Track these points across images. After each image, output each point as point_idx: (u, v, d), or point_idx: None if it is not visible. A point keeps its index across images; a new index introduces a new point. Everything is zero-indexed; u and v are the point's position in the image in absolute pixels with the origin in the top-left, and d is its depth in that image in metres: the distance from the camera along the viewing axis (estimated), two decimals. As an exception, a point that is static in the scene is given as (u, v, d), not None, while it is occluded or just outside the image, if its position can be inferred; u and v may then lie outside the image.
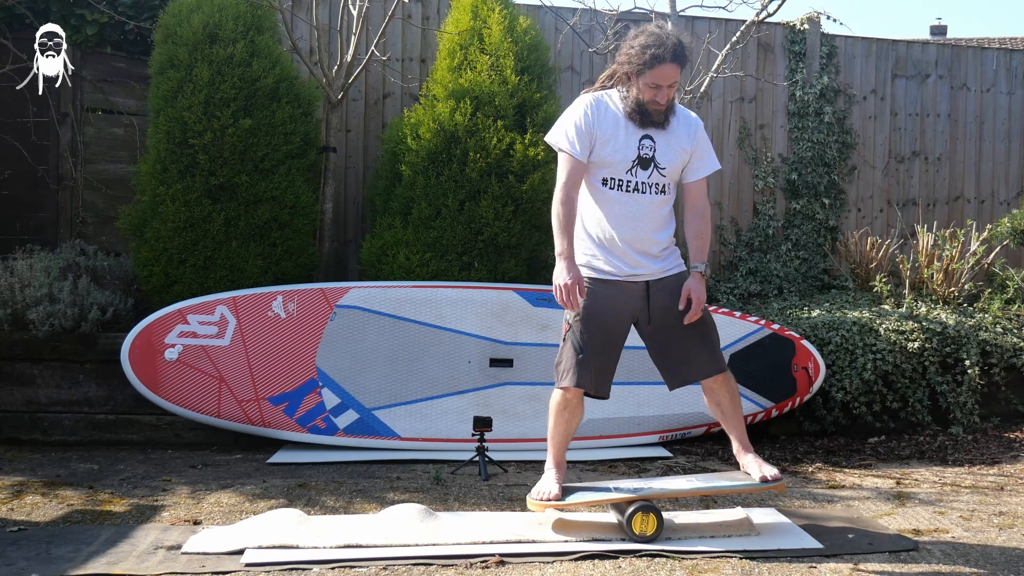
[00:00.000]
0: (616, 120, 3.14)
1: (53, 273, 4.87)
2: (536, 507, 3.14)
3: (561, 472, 3.23)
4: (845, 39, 6.77)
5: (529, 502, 3.16)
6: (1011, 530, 3.28)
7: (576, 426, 3.26)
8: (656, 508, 3.04)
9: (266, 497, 3.64)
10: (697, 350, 3.21)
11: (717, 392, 3.29)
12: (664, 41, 3.05)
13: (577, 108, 3.17)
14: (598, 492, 3.17)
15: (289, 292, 4.54)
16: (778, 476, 3.21)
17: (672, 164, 3.18)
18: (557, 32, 6.27)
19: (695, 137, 3.22)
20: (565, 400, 3.19)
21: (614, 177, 3.14)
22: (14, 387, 4.72)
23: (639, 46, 3.08)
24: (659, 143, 3.15)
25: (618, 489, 3.16)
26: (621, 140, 3.13)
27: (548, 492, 3.13)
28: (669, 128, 3.17)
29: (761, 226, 6.53)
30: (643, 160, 3.13)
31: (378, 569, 2.79)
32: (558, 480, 3.19)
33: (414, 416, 4.53)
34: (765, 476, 3.19)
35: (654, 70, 3.05)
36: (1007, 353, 5.19)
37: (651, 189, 3.15)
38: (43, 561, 2.82)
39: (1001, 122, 7.04)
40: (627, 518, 3.01)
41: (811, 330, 5.10)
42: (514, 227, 5.04)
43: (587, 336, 3.13)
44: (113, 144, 5.83)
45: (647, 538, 2.99)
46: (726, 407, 3.31)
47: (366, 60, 5.50)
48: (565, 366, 3.16)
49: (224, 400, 4.41)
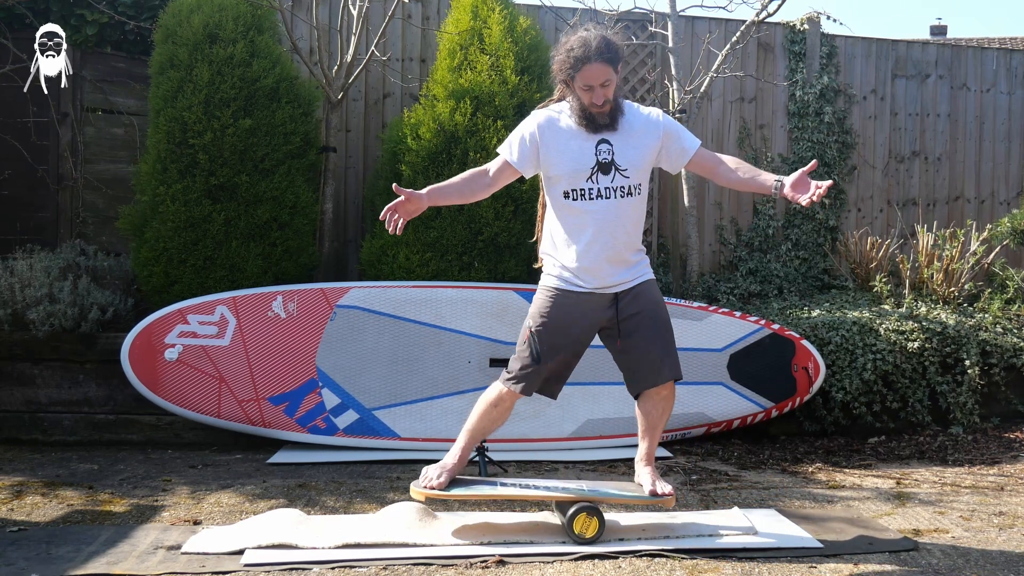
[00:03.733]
0: (568, 132, 3.12)
1: (53, 273, 4.87)
2: (417, 495, 3.12)
3: (462, 465, 3.21)
4: (845, 39, 6.77)
5: (412, 490, 3.13)
6: (1011, 530, 3.28)
7: (497, 428, 3.24)
8: (599, 510, 3.01)
9: (266, 497, 3.64)
10: (662, 353, 3.15)
11: (664, 400, 3.21)
12: (588, 42, 3.02)
13: (526, 122, 3.20)
14: (485, 487, 3.15)
15: (289, 292, 4.54)
16: (669, 492, 3.15)
17: (635, 163, 3.12)
18: (557, 32, 6.26)
19: (659, 128, 3.16)
20: (501, 398, 3.18)
21: (575, 188, 3.11)
22: (14, 387, 4.72)
23: (564, 52, 3.07)
24: (617, 145, 3.11)
25: (503, 484, 3.15)
26: (575, 149, 3.10)
27: (434, 481, 3.12)
28: (624, 128, 3.13)
29: (761, 226, 6.53)
30: (602, 165, 3.09)
31: (378, 569, 2.79)
32: (452, 472, 3.16)
33: (414, 416, 4.53)
34: (655, 491, 3.15)
35: (581, 72, 3.02)
36: (1007, 353, 5.19)
37: (615, 193, 3.10)
38: (43, 561, 2.82)
39: (1001, 122, 7.04)
40: (568, 519, 3.00)
41: (811, 330, 5.10)
42: (514, 227, 5.04)
43: (545, 347, 3.11)
44: (113, 144, 5.83)
45: (587, 540, 2.98)
46: (656, 418, 3.23)
47: (366, 60, 5.51)
48: (518, 371, 3.14)
49: (224, 400, 4.41)
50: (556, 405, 4.60)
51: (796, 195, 3.04)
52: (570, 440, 4.55)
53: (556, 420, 4.60)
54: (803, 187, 3.05)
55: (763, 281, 6.34)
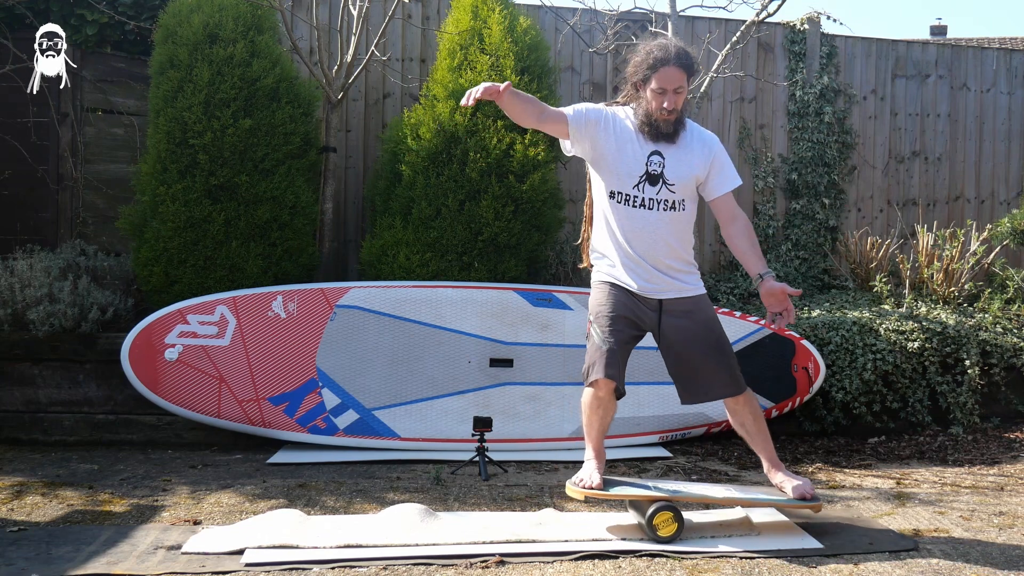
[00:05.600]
0: (628, 133, 3.15)
1: (53, 273, 4.87)
2: (575, 493, 3.15)
3: (601, 462, 3.24)
4: (845, 39, 6.77)
5: (568, 488, 3.17)
6: (1011, 530, 3.28)
7: (611, 420, 3.25)
8: (679, 511, 3.04)
9: (266, 497, 3.64)
10: (712, 370, 3.22)
11: (740, 413, 3.32)
12: (668, 47, 3.09)
13: (597, 105, 3.22)
14: (638, 488, 3.18)
15: (289, 292, 4.54)
16: (814, 495, 3.23)
17: (683, 180, 3.16)
18: (557, 32, 6.27)
19: (712, 153, 3.21)
20: (597, 398, 3.19)
21: (621, 191, 3.14)
22: (14, 387, 4.72)
23: (643, 53, 3.12)
24: (669, 159, 3.14)
25: (657, 488, 3.18)
26: (629, 154, 3.13)
27: (591, 480, 3.15)
28: (681, 143, 3.16)
29: (761, 226, 6.53)
30: (651, 176, 3.13)
31: (378, 569, 2.79)
32: (599, 470, 3.20)
33: (414, 416, 4.53)
34: (804, 494, 3.21)
35: (658, 73, 3.07)
36: (1007, 353, 5.19)
37: (659, 205, 3.14)
38: (43, 561, 2.82)
39: (1001, 122, 7.04)
40: (648, 517, 3.02)
41: (811, 330, 5.10)
42: (514, 227, 5.04)
43: (609, 331, 3.15)
44: (113, 144, 5.83)
45: (666, 539, 3.00)
46: (750, 427, 3.33)
47: (366, 60, 5.51)
48: (590, 361, 3.17)
49: (224, 400, 4.41)
50: (556, 405, 4.61)
51: (768, 304, 3.16)
52: (570, 440, 4.55)
53: (556, 420, 4.60)
54: (777, 303, 3.14)
55: (763, 281, 6.34)
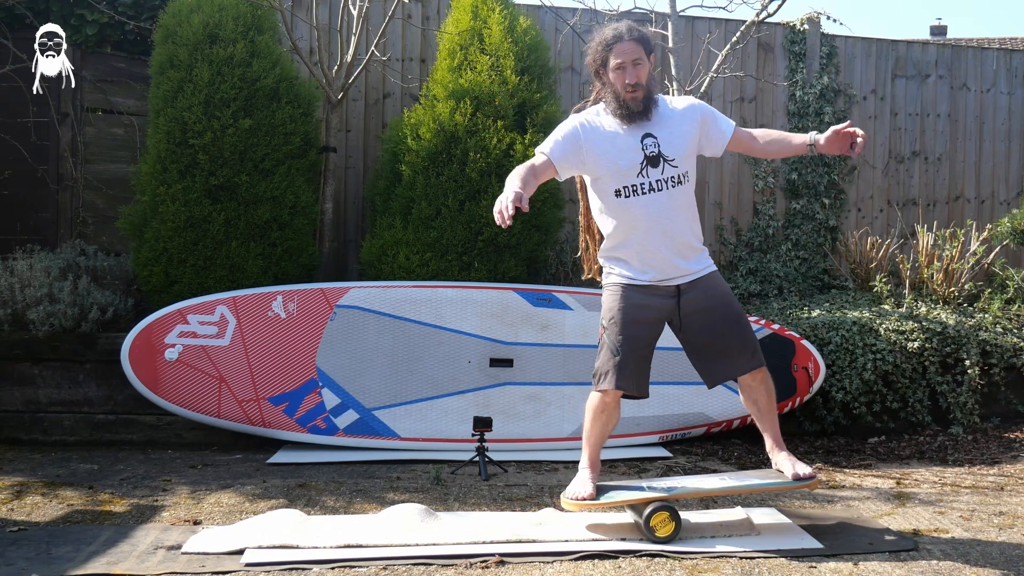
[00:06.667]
0: (610, 131, 3.14)
1: (53, 273, 4.87)
2: (571, 506, 3.15)
3: (595, 472, 3.24)
4: (845, 39, 6.77)
5: (563, 501, 3.17)
6: (1011, 530, 3.28)
7: (612, 428, 3.26)
8: (676, 510, 3.04)
9: (266, 497, 3.64)
10: (734, 347, 3.19)
11: (755, 389, 3.28)
12: (618, 27, 3.12)
13: (567, 123, 3.21)
14: (632, 491, 3.17)
15: (289, 292, 4.54)
16: (812, 474, 3.21)
17: (681, 151, 3.15)
18: (557, 32, 6.27)
19: (696, 112, 3.21)
20: (603, 403, 3.18)
21: (626, 185, 3.12)
22: (14, 387, 4.72)
23: (597, 39, 3.15)
24: (661, 136, 3.13)
25: (651, 488, 3.17)
26: (621, 147, 3.12)
27: (583, 492, 3.14)
28: (663, 119, 3.16)
29: (761, 226, 6.53)
30: (651, 158, 3.11)
31: (378, 569, 2.79)
32: (592, 479, 3.20)
33: (414, 416, 4.53)
34: (798, 474, 3.20)
35: (613, 50, 3.08)
36: (1007, 353, 5.19)
37: (667, 184, 3.12)
38: (43, 561, 2.82)
39: (1001, 122, 7.04)
40: (645, 518, 3.01)
41: (811, 330, 5.10)
42: (514, 227, 5.04)
43: (622, 337, 3.13)
44: (113, 144, 5.83)
45: (664, 539, 3.00)
46: (763, 405, 3.30)
47: (366, 60, 5.51)
48: (603, 369, 3.16)
49: (224, 400, 4.41)
50: (556, 405, 4.61)
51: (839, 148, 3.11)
52: (570, 440, 4.55)
53: (556, 420, 4.60)
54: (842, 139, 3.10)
55: (763, 281, 6.34)
